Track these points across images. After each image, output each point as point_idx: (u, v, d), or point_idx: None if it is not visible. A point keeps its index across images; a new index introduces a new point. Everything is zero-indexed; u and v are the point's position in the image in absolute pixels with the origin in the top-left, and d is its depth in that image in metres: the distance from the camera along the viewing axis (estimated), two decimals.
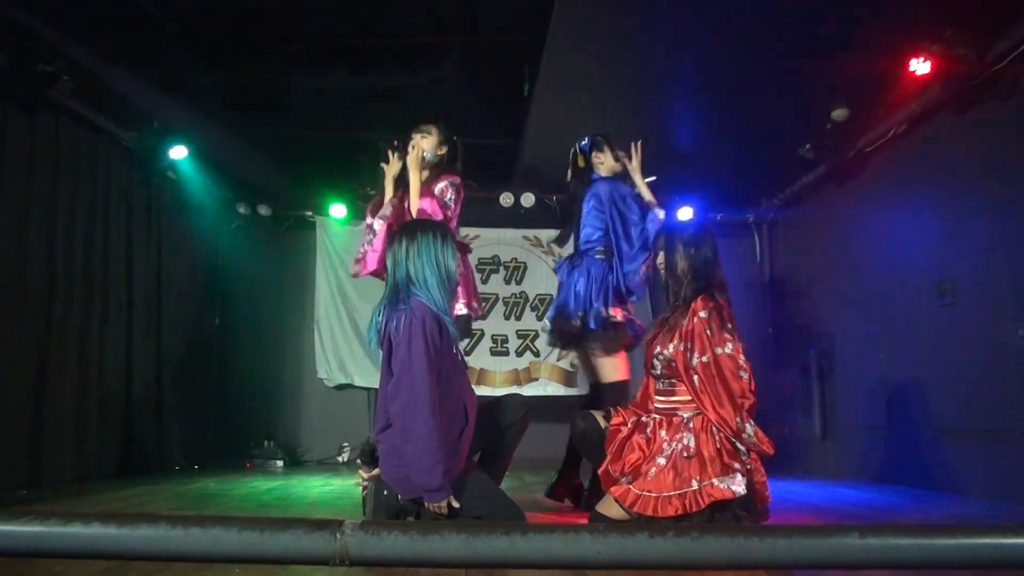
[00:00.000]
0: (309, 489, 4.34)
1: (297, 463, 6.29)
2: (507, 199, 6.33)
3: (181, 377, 5.77)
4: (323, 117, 5.73)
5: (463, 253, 3.32)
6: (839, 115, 4.81)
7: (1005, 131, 3.83)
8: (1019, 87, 3.74)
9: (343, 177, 6.32)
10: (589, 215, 3.60)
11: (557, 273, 3.81)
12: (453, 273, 2.63)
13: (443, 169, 3.47)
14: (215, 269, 6.57)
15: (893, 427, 4.74)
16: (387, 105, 5.43)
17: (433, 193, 3.34)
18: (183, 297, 5.90)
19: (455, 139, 3.54)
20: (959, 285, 4.14)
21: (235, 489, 4.26)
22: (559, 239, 4.10)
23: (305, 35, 4.92)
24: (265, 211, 6.55)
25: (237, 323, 6.59)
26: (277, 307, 6.73)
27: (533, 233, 6.68)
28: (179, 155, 5.34)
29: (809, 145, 5.29)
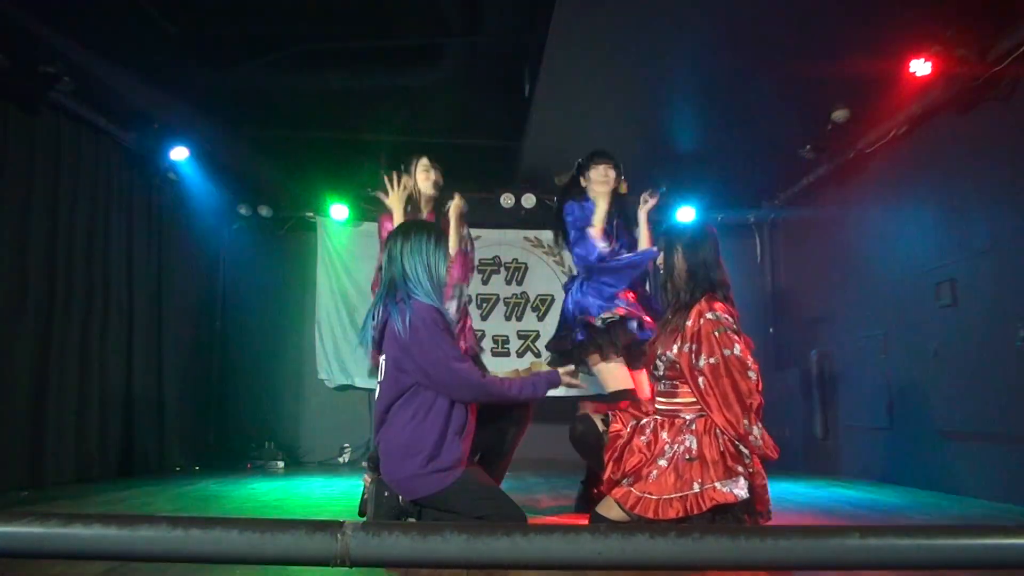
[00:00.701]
0: (310, 490, 4.34)
1: (298, 464, 6.29)
2: (508, 200, 6.33)
3: (181, 378, 5.77)
4: (324, 118, 5.74)
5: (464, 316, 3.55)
6: (840, 116, 4.82)
7: (1006, 132, 3.83)
8: (1020, 88, 3.74)
9: (344, 178, 6.33)
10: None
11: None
12: (442, 277, 2.66)
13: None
14: (216, 270, 6.58)
15: (894, 428, 4.74)
16: (388, 106, 5.43)
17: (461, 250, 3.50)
18: (184, 298, 5.90)
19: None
20: (960, 286, 4.14)
21: (236, 490, 4.26)
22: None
23: (306, 36, 4.92)
24: (266, 212, 6.56)
25: (238, 324, 6.60)
26: (278, 308, 6.73)
27: (534, 234, 6.68)
28: (180, 156, 5.36)
29: (810, 146, 5.29)
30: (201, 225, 6.18)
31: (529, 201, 6.30)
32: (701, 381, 2.64)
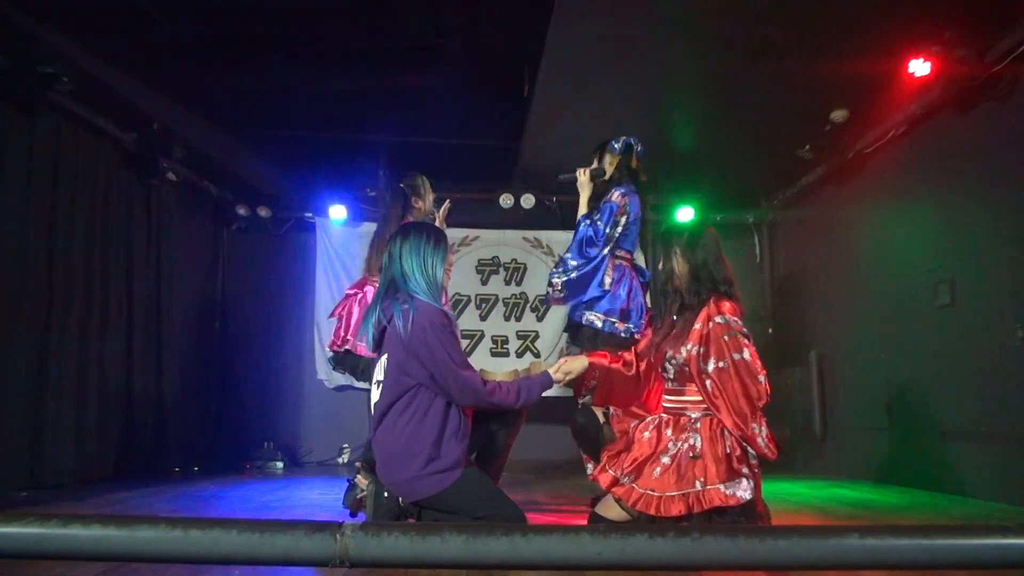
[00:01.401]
0: (309, 491, 4.34)
1: (297, 465, 6.29)
2: (507, 200, 6.33)
3: (180, 379, 5.77)
4: (323, 118, 5.74)
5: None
6: (838, 116, 4.82)
7: (1005, 132, 3.83)
8: (1018, 88, 3.75)
9: (343, 178, 6.33)
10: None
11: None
12: (438, 279, 2.66)
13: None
14: (215, 270, 6.58)
15: (893, 428, 4.74)
16: (387, 107, 5.43)
17: None
18: (182, 298, 5.89)
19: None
20: (959, 286, 4.14)
21: (235, 491, 4.26)
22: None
23: (305, 36, 4.92)
24: (265, 212, 6.55)
25: (237, 324, 6.59)
26: (276, 308, 6.72)
27: (533, 234, 6.68)
28: (179, 156, 5.35)
29: (808, 146, 5.30)
30: (200, 226, 6.18)
31: (528, 201, 6.30)
32: (709, 384, 2.60)
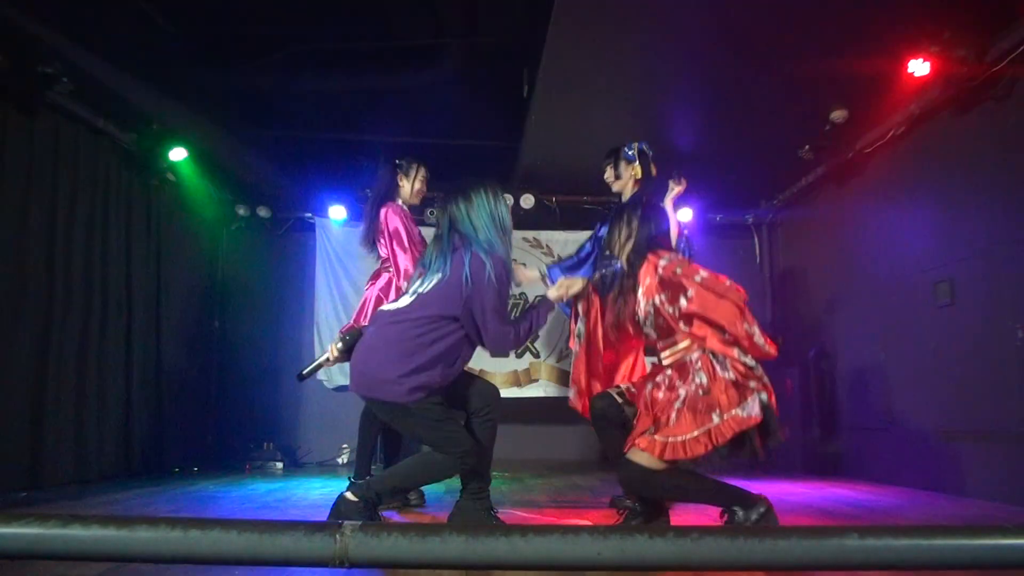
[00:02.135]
0: (309, 491, 4.34)
1: (296, 465, 6.29)
2: (507, 200, 6.33)
3: (180, 379, 5.77)
4: (323, 118, 5.74)
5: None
6: (838, 116, 4.82)
7: (1004, 132, 3.83)
8: (1017, 88, 3.75)
9: (343, 179, 6.32)
10: None
11: None
12: (508, 224, 2.86)
13: None
14: (214, 270, 6.58)
15: (892, 428, 4.74)
16: (387, 107, 5.43)
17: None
18: (182, 299, 5.90)
19: None
20: (958, 286, 4.14)
21: (234, 491, 4.26)
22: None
23: (305, 37, 4.93)
24: (264, 213, 6.55)
25: (236, 325, 6.59)
26: (276, 309, 6.73)
27: (533, 235, 6.67)
28: (178, 157, 5.35)
29: (808, 146, 5.30)
30: (200, 226, 6.18)
31: (528, 202, 6.30)
32: (684, 322, 2.64)
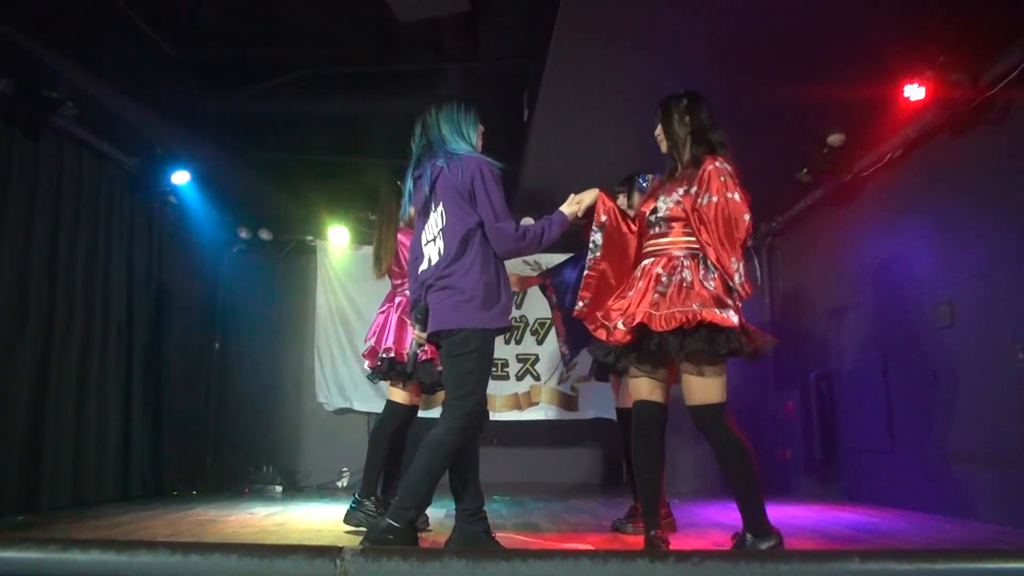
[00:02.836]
0: (308, 515, 4.32)
1: (296, 488, 6.26)
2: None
3: (180, 401, 5.75)
4: (324, 142, 5.78)
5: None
6: (835, 140, 4.85)
7: (1000, 154, 3.86)
8: (1012, 111, 3.78)
9: (344, 202, 6.36)
10: None
11: None
12: (475, 142, 2.96)
13: None
14: (215, 293, 6.59)
15: (894, 450, 4.72)
16: (388, 130, 5.47)
17: None
18: (183, 321, 5.90)
19: None
20: (958, 307, 4.15)
21: (234, 515, 4.24)
22: None
23: (307, 61, 4.98)
24: (266, 235, 6.58)
25: (237, 347, 6.59)
26: (277, 331, 6.73)
27: (533, 257, 6.69)
28: (181, 180, 5.39)
29: (806, 169, 5.33)
30: (201, 248, 6.21)
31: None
32: (700, 218, 2.72)
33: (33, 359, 4.19)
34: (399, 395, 3.76)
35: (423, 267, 2.86)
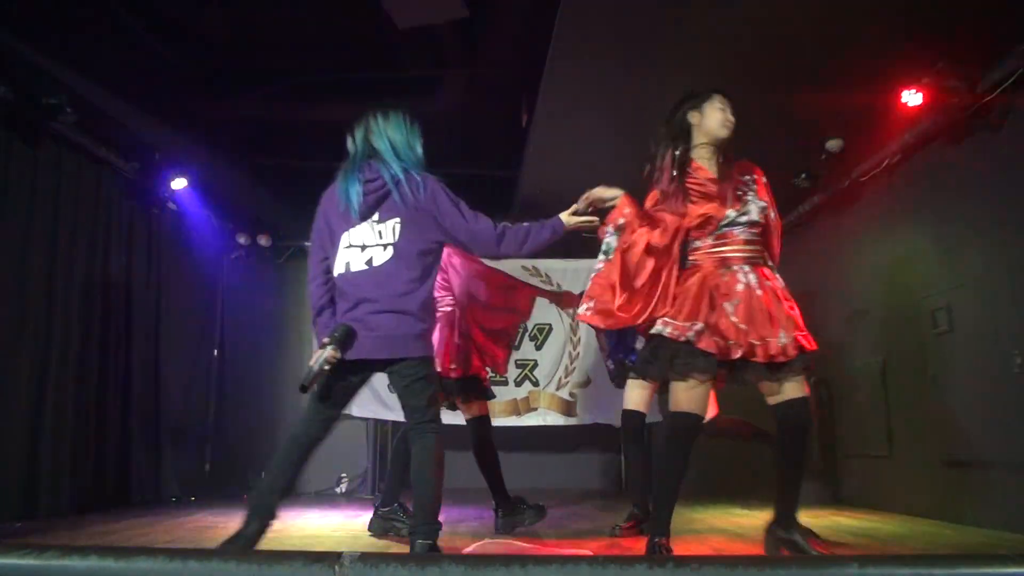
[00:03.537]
0: (307, 521, 4.31)
1: (294, 495, 6.25)
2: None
3: (178, 407, 5.75)
4: (323, 148, 5.77)
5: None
6: (833, 146, 4.86)
7: (997, 160, 3.87)
8: (1010, 117, 3.79)
9: None
10: None
11: None
12: (420, 156, 2.83)
13: None
14: (214, 299, 6.58)
15: (892, 455, 4.72)
16: None
17: None
18: (182, 327, 5.90)
19: None
20: (956, 313, 4.15)
21: (232, 521, 4.22)
22: None
23: (306, 68, 4.99)
24: (265, 241, 6.58)
25: (235, 353, 6.59)
26: (276, 337, 6.72)
27: (531, 263, 6.68)
28: (180, 186, 5.39)
29: (804, 174, 5.34)
30: (200, 254, 6.21)
31: None
32: (772, 228, 2.85)
33: (31, 365, 4.19)
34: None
35: (339, 271, 2.73)
